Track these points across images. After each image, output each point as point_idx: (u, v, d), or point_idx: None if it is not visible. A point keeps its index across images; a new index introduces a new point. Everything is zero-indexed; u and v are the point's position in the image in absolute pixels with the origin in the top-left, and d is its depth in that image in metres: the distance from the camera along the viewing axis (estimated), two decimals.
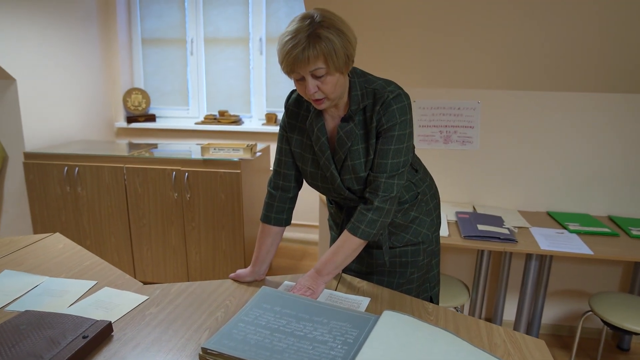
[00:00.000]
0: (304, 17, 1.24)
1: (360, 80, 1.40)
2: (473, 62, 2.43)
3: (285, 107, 1.53)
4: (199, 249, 3.05)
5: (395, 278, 1.61)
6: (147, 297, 1.46)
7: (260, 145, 3.32)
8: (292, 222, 4.16)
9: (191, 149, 3.37)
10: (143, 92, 4.21)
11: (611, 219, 2.57)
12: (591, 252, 2.06)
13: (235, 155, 2.89)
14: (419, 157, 2.75)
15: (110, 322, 1.22)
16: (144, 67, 4.27)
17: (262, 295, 1.35)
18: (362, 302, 1.46)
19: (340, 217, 1.64)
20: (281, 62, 1.27)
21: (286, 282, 1.58)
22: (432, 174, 2.75)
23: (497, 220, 2.35)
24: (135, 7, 4.12)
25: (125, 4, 4.08)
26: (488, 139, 2.63)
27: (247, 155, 2.90)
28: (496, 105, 2.59)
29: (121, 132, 4.29)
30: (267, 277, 1.63)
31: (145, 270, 3.17)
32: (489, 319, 2.86)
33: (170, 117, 4.30)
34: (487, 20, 2.22)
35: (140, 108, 4.22)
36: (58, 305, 1.38)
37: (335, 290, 1.54)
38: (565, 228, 2.36)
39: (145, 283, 3.23)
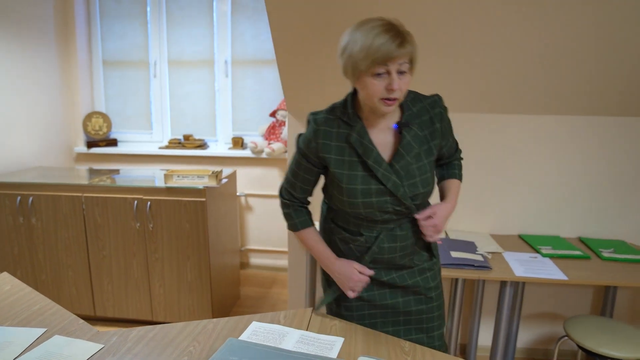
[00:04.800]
0: (386, 18, 1.30)
1: None
2: (439, 84, 2.41)
3: (315, 130, 1.45)
4: (163, 281, 2.90)
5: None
6: (103, 346, 1.35)
7: (226, 171, 3.21)
8: (260, 247, 4.05)
9: (155, 174, 3.24)
10: (104, 116, 4.06)
11: (581, 240, 2.57)
12: (566, 278, 2.04)
13: (200, 183, 2.78)
14: None
15: None
16: (105, 89, 4.12)
17: (227, 347, 1.26)
18: (336, 343, 1.38)
19: (366, 245, 1.52)
20: (373, 53, 1.25)
21: (254, 322, 1.49)
22: None
23: (471, 246, 2.31)
24: (96, 27, 3.99)
25: (85, 24, 3.95)
26: None
27: (213, 183, 2.79)
28: (465, 128, 2.58)
29: (81, 157, 4.11)
30: (233, 317, 1.53)
31: (106, 305, 2.99)
32: (463, 345, 2.80)
33: (133, 141, 4.15)
34: (453, 43, 2.20)
35: (101, 132, 4.06)
36: None
37: (307, 330, 1.46)
38: (538, 252, 2.34)
39: (106, 319, 3.08)
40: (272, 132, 3.71)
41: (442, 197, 1.59)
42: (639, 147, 2.52)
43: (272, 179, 3.88)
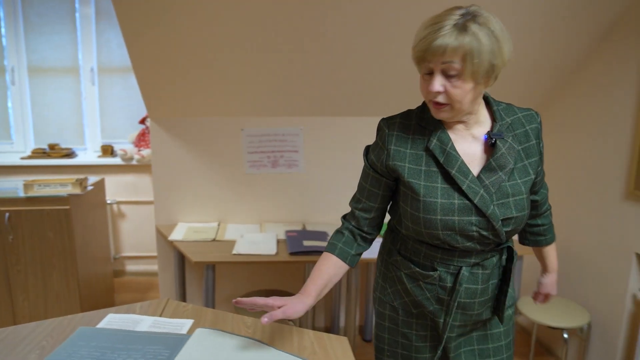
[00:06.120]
0: (457, 7, 1.10)
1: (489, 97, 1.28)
2: (293, 91, 2.66)
3: (388, 134, 1.28)
4: (27, 294, 2.83)
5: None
6: None
7: (93, 179, 3.20)
8: (135, 254, 4.04)
9: (18, 185, 3.13)
10: None
11: None
12: None
13: (63, 191, 2.76)
14: (258, 182, 2.90)
15: None
16: None
17: (77, 334, 1.36)
18: (186, 324, 1.53)
19: (440, 283, 1.30)
20: (414, 47, 1.12)
21: (110, 315, 1.58)
22: (263, 198, 2.92)
23: (323, 235, 2.59)
24: None
25: None
26: (313, 161, 2.89)
27: (77, 190, 2.79)
28: (317, 130, 2.86)
29: None
30: (90, 312, 1.61)
31: None
32: (328, 328, 3.08)
33: None
34: (303, 51, 2.45)
35: None
36: None
37: (160, 316, 1.59)
38: (381, 237, 2.68)
39: None
40: (142, 139, 3.74)
41: (542, 262, 1.55)
42: None
43: (144, 186, 3.91)
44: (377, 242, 1.72)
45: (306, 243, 2.43)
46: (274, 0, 2.13)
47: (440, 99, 1.12)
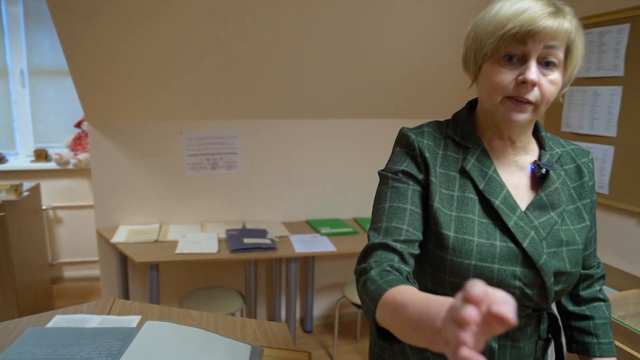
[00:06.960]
0: None
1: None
2: (230, 95, 2.77)
3: (417, 140, 0.96)
4: None
5: None
6: None
7: (27, 184, 3.16)
8: (73, 260, 3.99)
9: None
10: None
11: (356, 220, 3.17)
12: (335, 249, 2.56)
13: None
14: (198, 184, 2.98)
15: None
16: None
17: (27, 334, 1.41)
18: (134, 320, 1.62)
19: None
20: (508, 21, 0.82)
21: (58, 316, 1.64)
22: (203, 199, 3.02)
23: (262, 233, 2.72)
24: None
25: None
26: (251, 162, 3.02)
27: (12, 196, 2.76)
28: (255, 132, 2.99)
29: None
30: (36, 315, 1.66)
31: None
32: (271, 321, 3.22)
33: None
34: (239, 55, 2.57)
35: None
36: None
37: (108, 314, 1.67)
38: (318, 232, 2.86)
39: None
40: (78, 143, 3.71)
41: None
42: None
43: (81, 190, 3.87)
44: None
45: (246, 241, 2.55)
46: (210, 5, 2.22)
47: (533, 95, 0.85)
